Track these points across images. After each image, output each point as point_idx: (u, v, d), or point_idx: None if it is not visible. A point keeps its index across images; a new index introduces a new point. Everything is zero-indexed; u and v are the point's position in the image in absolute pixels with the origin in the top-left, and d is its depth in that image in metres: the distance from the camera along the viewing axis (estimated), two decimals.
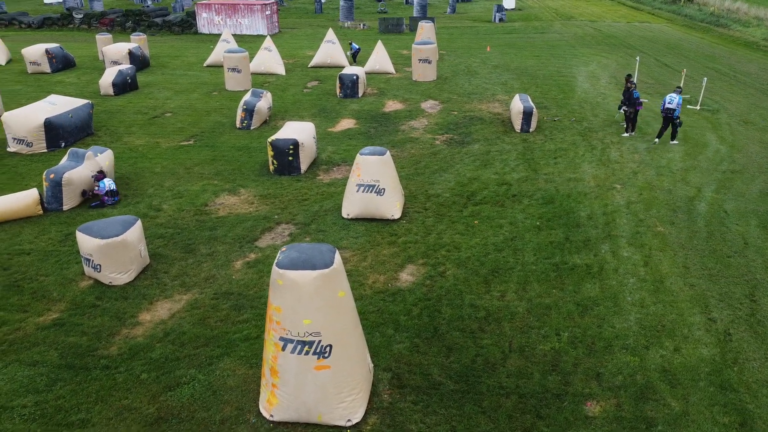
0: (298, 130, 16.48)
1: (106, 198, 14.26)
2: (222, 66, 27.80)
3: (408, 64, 30.07)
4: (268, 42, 29.66)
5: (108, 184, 14.30)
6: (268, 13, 41.70)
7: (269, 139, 15.95)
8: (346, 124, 20.92)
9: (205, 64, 31.54)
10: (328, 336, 7.07)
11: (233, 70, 25.73)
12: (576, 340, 9.09)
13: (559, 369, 8.48)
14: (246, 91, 25.33)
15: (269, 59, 29.33)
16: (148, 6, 57.20)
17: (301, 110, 22.61)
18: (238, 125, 20.49)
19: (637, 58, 28.28)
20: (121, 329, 9.51)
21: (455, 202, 14.17)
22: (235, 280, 10.94)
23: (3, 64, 32.31)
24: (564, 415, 7.67)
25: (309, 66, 30.80)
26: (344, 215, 13.34)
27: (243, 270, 11.29)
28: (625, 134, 19.02)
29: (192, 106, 23.35)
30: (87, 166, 14.50)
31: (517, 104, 19.82)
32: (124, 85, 25.57)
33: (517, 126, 19.65)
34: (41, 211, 13.80)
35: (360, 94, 24.42)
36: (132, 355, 8.87)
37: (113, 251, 10.52)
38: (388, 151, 13.21)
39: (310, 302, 6.91)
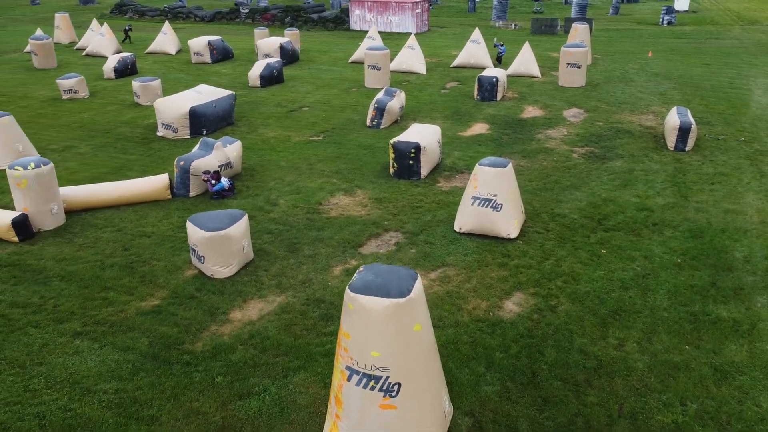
0: (423, 133, 15.79)
1: (226, 192, 14.59)
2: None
3: (556, 68, 28.16)
4: (412, 40, 29.30)
5: (227, 183, 14.59)
6: (418, 11, 41.49)
7: (391, 141, 15.45)
8: (479, 128, 19.87)
9: (349, 60, 31.97)
10: (398, 373, 6.30)
11: (373, 67, 25.68)
12: (706, 415, 7.47)
13: None
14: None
15: (411, 57, 28.97)
16: (308, 2, 59.81)
17: (435, 111, 21.91)
18: (368, 123, 20.28)
19: None
20: (210, 325, 9.47)
21: (583, 225, 12.67)
22: (330, 287, 10.53)
23: (173, 54, 35.19)
24: None
25: (451, 66, 30.01)
26: (456, 228, 12.43)
27: (340, 277, 10.85)
28: None
29: (329, 102, 23.61)
30: (215, 156, 14.96)
31: (673, 118, 17.51)
32: (270, 78, 26.56)
33: (671, 143, 17.37)
34: (170, 196, 14.45)
35: (498, 98, 23.18)
36: (214, 354, 8.75)
37: (217, 244, 10.57)
38: (510, 164, 12.08)
39: (380, 333, 6.19)
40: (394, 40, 36.85)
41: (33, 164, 12.45)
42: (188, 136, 19.27)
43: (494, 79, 22.91)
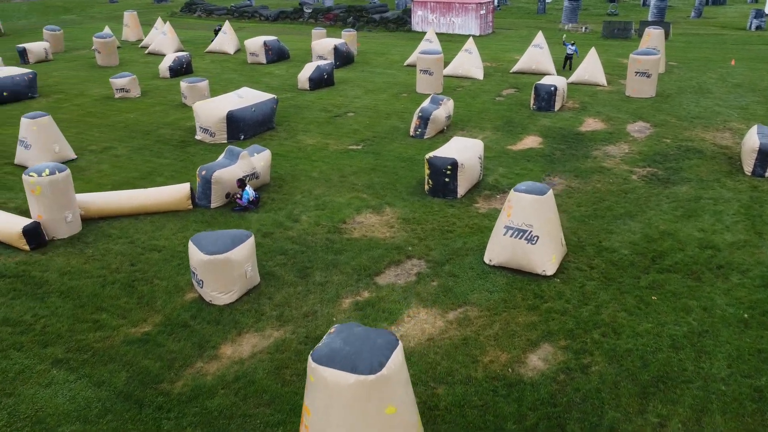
0: (462, 148, 14.51)
1: (251, 206, 13.82)
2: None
3: (625, 75, 26.04)
4: (470, 44, 27.87)
5: (251, 194, 13.83)
6: (482, 12, 39.87)
7: (427, 156, 14.25)
8: (530, 142, 18.33)
9: (404, 63, 30.89)
10: None
11: (425, 72, 24.47)
12: None
13: None
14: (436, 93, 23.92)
15: (468, 62, 27.55)
16: (374, 2, 59.13)
17: (485, 121, 20.49)
18: (411, 133, 19.13)
19: None
20: (196, 361, 8.63)
21: (633, 263, 11.07)
22: (334, 322, 9.49)
23: (231, 53, 35.18)
24: None
25: (511, 71, 28.37)
26: (486, 260, 11.12)
27: (348, 311, 9.79)
28: None
29: (375, 107, 22.60)
30: (240, 166, 14.23)
31: (753, 138, 15.42)
32: (320, 81, 25.83)
33: (748, 167, 15.31)
34: (191, 206, 13.82)
35: (556, 108, 21.48)
36: (191, 397, 7.89)
37: (216, 269, 9.75)
38: (550, 190, 10.67)
39: (344, 415, 5.08)
40: (455, 42, 35.51)
41: (48, 170, 12.06)
42: (225, 141, 18.73)
43: (552, 88, 21.23)
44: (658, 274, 10.65)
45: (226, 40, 35.78)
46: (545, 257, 10.53)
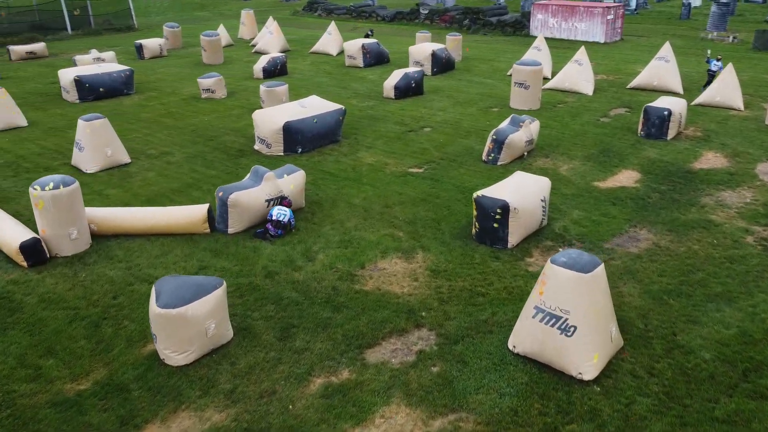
0: (521, 187, 11.98)
1: (271, 227, 12.32)
2: None
3: None
4: (581, 54, 24.56)
5: (277, 213, 12.31)
6: (610, 17, 35.75)
7: (475, 194, 11.88)
8: (624, 178, 15.19)
9: (508, 73, 28.11)
10: None
11: (520, 85, 21.74)
12: None
13: None
14: (530, 111, 21.18)
15: (576, 74, 24.30)
16: (500, 3, 56.10)
17: (577, 147, 17.50)
18: (483, 157, 16.68)
19: None
20: None
21: (714, 376, 8.07)
22: (290, 413, 7.60)
23: (334, 55, 34.31)
24: None
25: (627, 87, 24.69)
26: (510, 346, 8.67)
27: (313, 396, 7.86)
28: None
29: (457, 123, 20.32)
30: (263, 189, 12.76)
31: None
32: (406, 90, 23.94)
33: None
34: (208, 230, 12.58)
35: (669, 136, 17.92)
36: None
37: (169, 324, 8.25)
38: (601, 266, 8.02)
39: None
40: (576, 50, 31.92)
41: (52, 184, 11.30)
42: (281, 153, 17.45)
43: (665, 112, 17.70)
44: (749, 400, 7.61)
45: (330, 41, 34.98)
46: (584, 356, 7.89)
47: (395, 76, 24.17)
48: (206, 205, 12.67)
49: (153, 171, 16.39)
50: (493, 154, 16.37)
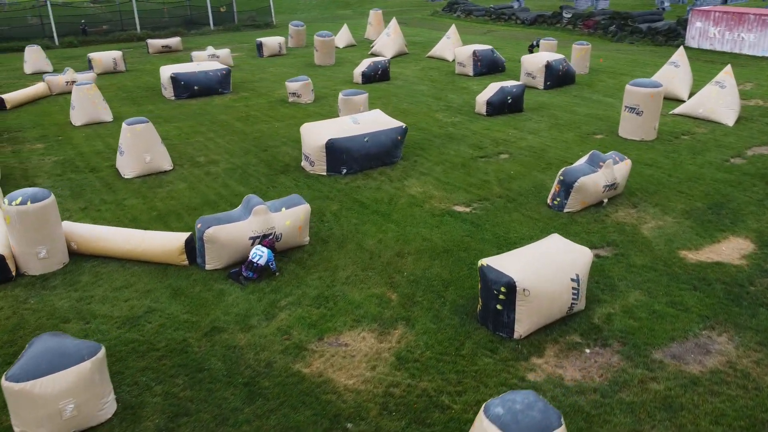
0: (544, 259, 9.03)
1: (243, 269, 10.59)
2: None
3: None
4: (725, 75, 19.88)
5: (252, 254, 10.55)
6: None
7: (480, 262, 9.15)
8: (729, 249, 11.36)
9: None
10: None
11: (632, 110, 17.94)
12: None
13: None
14: (642, 142, 17.43)
15: (715, 99, 19.72)
16: (664, 6, 49.69)
17: (680, 198, 13.69)
18: (548, 201, 13.58)
19: None
20: None
21: None
22: None
23: (449, 60, 32.00)
24: None
25: None
26: None
27: None
28: None
29: (543, 151, 17.19)
30: (251, 224, 11.05)
31: None
32: (500, 106, 21.07)
33: None
34: (186, 262, 11.18)
35: None
36: None
37: (16, 399, 6.81)
38: (561, 429, 5.17)
39: None
40: (739, 66, 26.56)
41: (20, 199, 10.52)
42: (324, 173, 15.71)
43: None
44: None
45: (448, 45, 32.66)
46: None
47: (489, 90, 21.35)
48: (186, 235, 11.25)
49: (186, 182, 15.47)
50: (558, 199, 13.22)
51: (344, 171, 15.69)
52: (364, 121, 16.43)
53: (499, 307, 8.75)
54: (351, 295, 10.07)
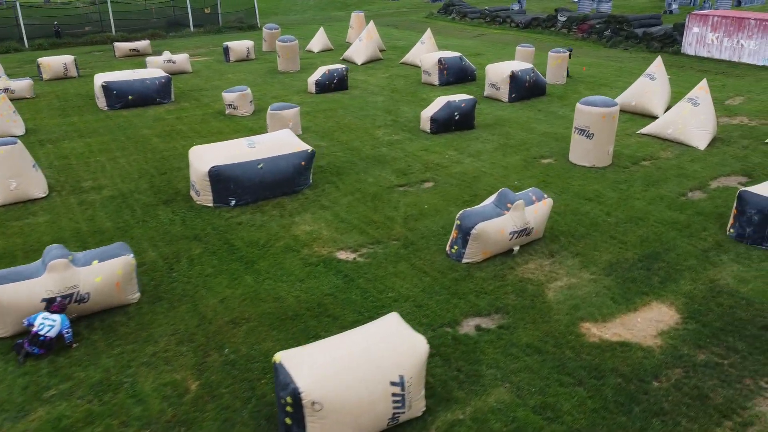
0: (358, 351, 6.79)
1: (27, 343, 8.55)
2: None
3: None
4: (698, 91, 17.30)
5: (39, 324, 8.50)
6: None
7: (275, 357, 6.93)
8: (648, 319, 8.99)
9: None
10: None
11: (582, 132, 15.56)
12: None
13: None
14: (593, 169, 15.00)
15: (687, 119, 17.18)
16: (672, 9, 46.62)
17: (610, 245, 11.30)
18: (447, 249, 11.26)
19: None
20: None
21: None
22: None
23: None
24: None
25: None
26: None
27: None
28: None
29: (476, 178, 14.88)
30: (46, 281, 9.01)
31: None
32: (447, 123, 18.88)
33: None
34: None
35: None
36: None
37: None
38: None
39: None
40: (735, 77, 23.93)
41: None
42: (211, 204, 13.66)
43: None
44: None
45: (421, 51, 30.26)
46: None
47: (435, 105, 19.08)
48: None
49: (51, 214, 13.52)
50: (456, 247, 10.94)
51: (233, 203, 13.61)
52: (262, 143, 14.33)
53: (288, 421, 6.56)
54: (140, 384, 7.96)
